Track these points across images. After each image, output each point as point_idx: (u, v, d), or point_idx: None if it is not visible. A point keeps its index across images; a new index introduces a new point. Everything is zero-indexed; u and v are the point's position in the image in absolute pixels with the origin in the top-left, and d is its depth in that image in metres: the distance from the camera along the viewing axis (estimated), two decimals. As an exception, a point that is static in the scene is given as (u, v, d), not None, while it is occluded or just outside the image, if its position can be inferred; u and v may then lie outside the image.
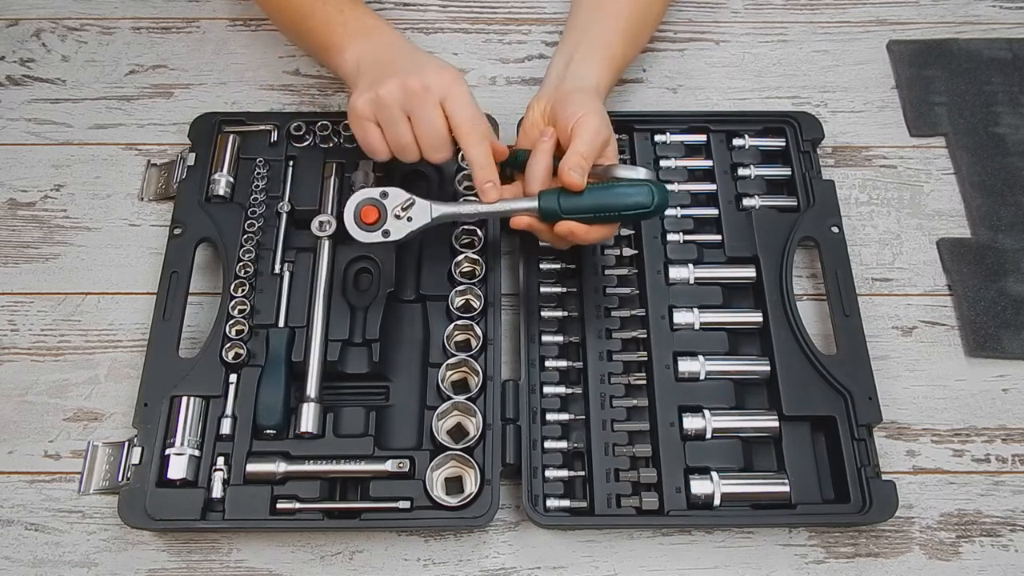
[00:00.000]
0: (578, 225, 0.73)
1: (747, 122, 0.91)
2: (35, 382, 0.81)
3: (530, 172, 0.75)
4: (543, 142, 0.76)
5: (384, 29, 0.83)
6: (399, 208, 0.75)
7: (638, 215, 0.75)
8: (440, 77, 0.74)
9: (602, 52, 0.85)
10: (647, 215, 0.75)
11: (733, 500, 0.73)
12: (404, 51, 0.80)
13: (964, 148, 0.93)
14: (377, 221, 0.74)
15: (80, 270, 0.86)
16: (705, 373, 0.78)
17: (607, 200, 0.73)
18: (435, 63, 0.77)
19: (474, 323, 0.79)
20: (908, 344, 0.84)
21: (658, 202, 0.73)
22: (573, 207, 0.73)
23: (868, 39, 1.02)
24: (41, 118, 0.95)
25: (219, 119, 0.90)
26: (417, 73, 0.74)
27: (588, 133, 0.74)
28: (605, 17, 0.88)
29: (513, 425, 0.75)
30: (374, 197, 0.75)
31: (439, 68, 0.75)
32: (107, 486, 0.75)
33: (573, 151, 0.73)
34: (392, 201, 0.75)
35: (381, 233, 0.74)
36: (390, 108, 0.74)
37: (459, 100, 0.74)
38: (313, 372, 0.77)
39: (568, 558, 0.74)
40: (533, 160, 0.75)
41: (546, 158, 0.75)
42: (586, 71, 0.83)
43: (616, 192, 0.73)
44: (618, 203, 0.73)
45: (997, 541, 0.75)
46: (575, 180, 0.72)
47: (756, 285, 0.83)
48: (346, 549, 0.74)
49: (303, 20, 0.85)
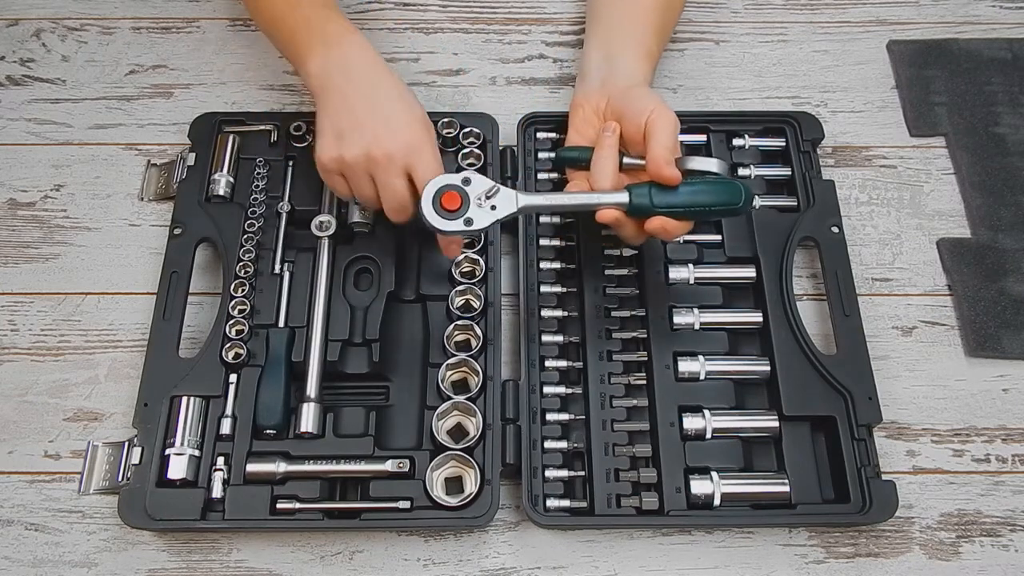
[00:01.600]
0: (670, 221, 0.72)
1: (747, 122, 0.91)
2: (35, 382, 0.81)
3: (599, 168, 0.74)
4: (608, 137, 0.75)
5: (347, 40, 0.79)
6: (483, 196, 0.71)
7: (728, 212, 0.74)
8: (403, 143, 0.74)
9: (641, 48, 0.85)
10: (736, 212, 0.74)
11: (733, 500, 0.73)
12: (365, 89, 0.77)
13: (964, 148, 0.93)
14: (459, 208, 0.70)
15: (80, 270, 0.86)
16: (705, 373, 0.78)
17: (700, 197, 0.72)
18: (398, 119, 0.75)
19: (474, 323, 0.79)
20: (908, 344, 0.84)
21: (746, 199, 0.72)
22: (666, 203, 0.71)
23: (868, 39, 1.02)
24: (41, 118, 0.95)
25: (219, 119, 0.90)
26: (381, 138, 0.74)
27: (668, 127, 0.73)
28: (636, 13, 0.87)
29: (513, 425, 0.75)
30: (455, 183, 0.72)
31: (403, 128, 0.75)
32: (107, 486, 0.75)
33: (659, 145, 0.72)
34: (475, 188, 0.72)
35: (463, 221, 0.71)
36: (354, 171, 0.75)
37: (423, 166, 0.74)
38: (313, 372, 0.77)
39: (568, 558, 0.74)
40: (600, 155, 0.75)
41: (614, 153, 0.75)
42: (634, 68, 0.82)
43: (708, 189, 0.72)
44: (710, 200, 0.72)
45: (997, 541, 0.75)
46: (673, 174, 0.71)
47: (756, 285, 0.83)
48: (346, 549, 0.74)
49: (276, 27, 0.84)
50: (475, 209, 0.71)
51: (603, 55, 0.84)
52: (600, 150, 0.75)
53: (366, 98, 0.76)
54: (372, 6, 1.03)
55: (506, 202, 0.72)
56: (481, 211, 0.71)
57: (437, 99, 0.96)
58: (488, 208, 0.71)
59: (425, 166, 0.74)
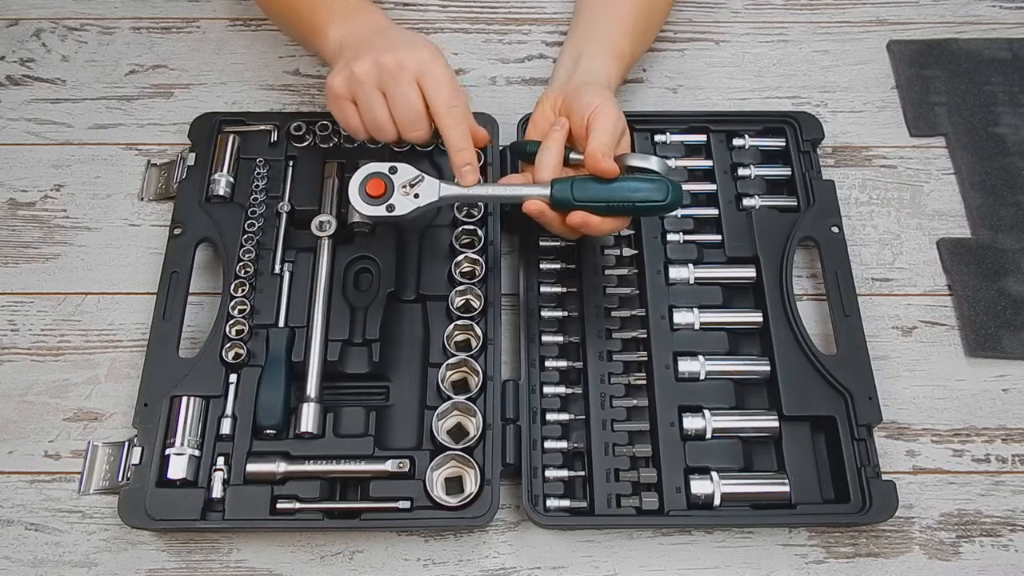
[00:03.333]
0: (591, 216, 0.72)
1: (747, 122, 0.91)
2: (35, 382, 0.81)
3: (542, 160, 0.74)
4: (555, 131, 0.75)
5: (368, 10, 0.82)
6: (407, 184, 0.73)
7: (652, 209, 0.74)
8: (415, 54, 0.72)
9: (611, 50, 0.85)
10: (660, 210, 0.73)
11: (733, 500, 0.73)
12: (384, 30, 0.79)
13: (964, 148, 0.93)
14: (383, 195, 0.73)
15: (80, 270, 0.86)
16: (705, 373, 0.78)
17: (622, 193, 0.72)
18: (411, 40, 0.75)
19: (474, 323, 0.79)
20: (908, 344, 0.84)
21: (672, 199, 0.72)
22: (587, 197, 0.72)
23: (868, 39, 1.02)
24: (41, 118, 0.95)
25: (219, 119, 0.90)
26: (392, 50, 0.72)
27: (608, 122, 0.73)
28: (612, 15, 0.88)
29: (513, 425, 0.75)
30: (382, 171, 0.74)
31: (415, 45, 0.74)
32: (107, 486, 0.75)
33: (596, 139, 0.72)
34: (400, 176, 0.74)
35: (385, 207, 0.73)
36: (364, 85, 0.72)
37: (436, 79, 0.72)
38: (313, 372, 0.77)
39: (568, 558, 0.74)
40: (545, 148, 0.75)
41: (558, 147, 0.75)
42: (597, 67, 0.83)
43: (631, 185, 0.72)
44: (632, 196, 0.72)
45: (997, 541, 0.75)
46: (609, 167, 0.71)
47: (756, 285, 0.83)
48: (346, 549, 0.74)
49: (292, 7, 0.84)
50: (399, 196, 0.73)
51: (573, 56, 0.85)
52: (545, 142, 0.75)
53: (382, 33, 0.77)
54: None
55: (429, 191, 0.73)
56: (405, 198, 0.73)
57: (437, 99, 0.96)
58: (411, 196, 0.73)
59: (437, 79, 0.72)
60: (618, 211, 0.73)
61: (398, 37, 0.76)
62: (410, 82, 0.72)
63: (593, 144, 0.72)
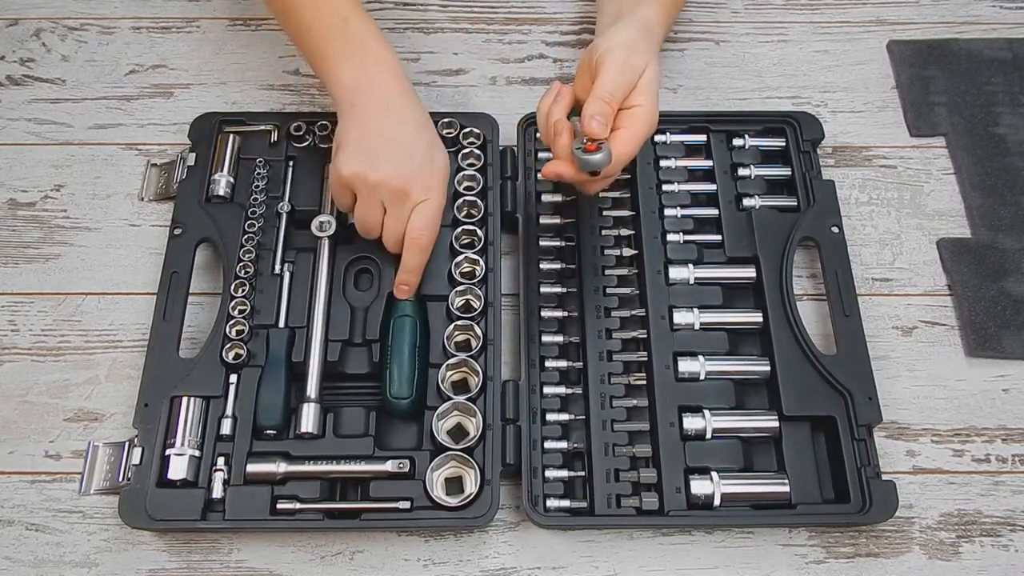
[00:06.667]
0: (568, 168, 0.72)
1: (747, 122, 0.91)
2: (35, 382, 0.81)
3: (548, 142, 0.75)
4: (543, 99, 0.75)
5: (381, 59, 0.78)
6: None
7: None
8: (423, 186, 0.75)
9: (649, 21, 0.80)
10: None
11: (733, 500, 0.73)
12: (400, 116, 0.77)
13: (964, 148, 0.93)
14: None
15: (80, 270, 0.86)
16: (705, 373, 0.78)
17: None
18: (426, 158, 0.76)
19: (474, 323, 0.79)
20: (908, 344, 0.84)
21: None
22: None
23: (868, 39, 1.02)
24: (41, 118, 0.95)
25: (219, 119, 0.90)
26: (407, 172, 0.74)
27: (610, 69, 0.70)
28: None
29: (513, 425, 0.75)
30: None
31: (428, 169, 0.75)
32: (108, 486, 0.75)
33: (591, 96, 0.69)
34: None
35: None
36: (371, 197, 0.75)
37: (424, 211, 0.75)
38: (313, 372, 0.77)
39: (568, 558, 0.74)
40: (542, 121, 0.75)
41: (556, 114, 0.73)
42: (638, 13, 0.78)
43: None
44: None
45: (997, 541, 0.75)
46: (594, 130, 0.68)
47: (756, 285, 0.83)
48: (346, 549, 0.74)
49: (305, 28, 0.80)
50: None
51: (614, 13, 0.81)
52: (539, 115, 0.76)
53: (395, 126, 0.76)
54: (372, 6, 1.03)
55: None
56: None
57: (437, 99, 0.96)
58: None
59: (425, 211, 0.75)
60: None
61: (411, 146, 0.75)
62: (408, 211, 0.75)
63: (587, 104, 0.70)
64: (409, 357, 0.76)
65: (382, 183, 0.74)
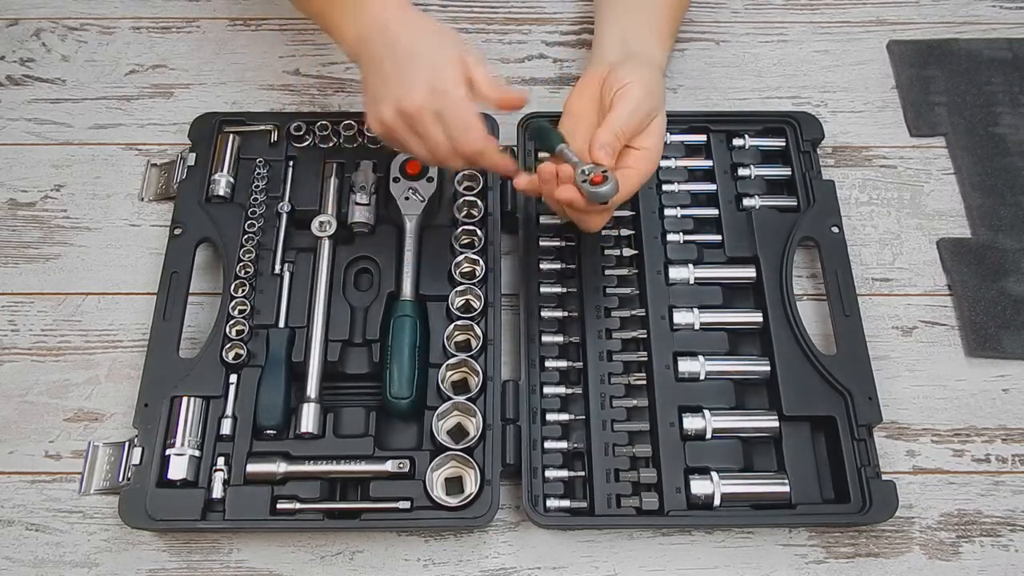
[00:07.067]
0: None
1: (747, 122, 0.91)
2: (35, 382, 0.81)
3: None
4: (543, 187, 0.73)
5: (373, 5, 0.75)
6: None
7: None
8: (430, 89, 0.70)
9: (657, 34, 0.82)
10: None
11: (733, 500, 0.73)
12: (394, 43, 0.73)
13: (964, 148, 0.93)
14: (419, 172, 0.85)
15: (80, 270, 0.86)
16: (705, 373, 0.78)
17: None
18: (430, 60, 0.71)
19: (474, 323, 0.79)
20: (908, 344, 0.84)
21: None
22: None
23: (868, 39, 1.02)
24: (41, 118, 0.95)
25: (219, 119, 0.90)
26: (409, 85, 0.71)
27: (627, 106, 0.70)
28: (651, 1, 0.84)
29: (513, 425, 0.75)
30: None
31: (430, 73, 0.71)
32: (108, 486, 0.75)
33: (604, 126, 0.69)
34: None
35: (426, 179, 0.85)
36: (398, 131, 0.73)
37: (451, 120, 0.71)
38: (313, 372, 0.77)
39: (568, 558, 0.74)
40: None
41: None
42: (652, 53, 0.79)
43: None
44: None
45: (997, 541, 0.75)
46: (600, 159, 0.68)
47: (756, 285, 0.83)
48: (346, 549, 0.74)
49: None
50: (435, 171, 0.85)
51: (619, 39, 0.81)
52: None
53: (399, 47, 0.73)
54: (372, 6, 1.03)
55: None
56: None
57: (437, 99, 0.96)
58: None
59: (451, 117, 0.70)
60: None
61: (413, 53, 0.72)
62: (433, 123, 0.71)
63: (597, 131, 0.70)
64: (409, 357, 0.76)
65: (394, 117, 0.71)
